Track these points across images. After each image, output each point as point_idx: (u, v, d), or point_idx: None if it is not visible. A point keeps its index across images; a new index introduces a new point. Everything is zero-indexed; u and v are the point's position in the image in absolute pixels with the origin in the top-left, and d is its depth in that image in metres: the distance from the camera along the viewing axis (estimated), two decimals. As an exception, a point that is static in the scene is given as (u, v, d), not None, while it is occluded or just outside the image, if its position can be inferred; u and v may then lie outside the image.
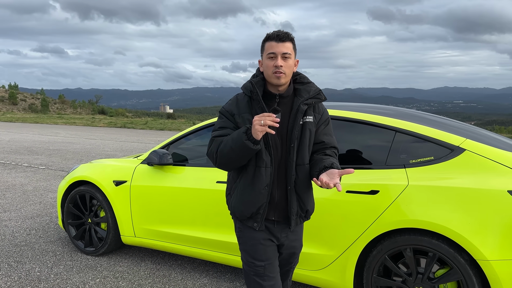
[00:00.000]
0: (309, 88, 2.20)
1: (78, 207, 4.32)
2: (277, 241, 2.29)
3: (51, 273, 3.79)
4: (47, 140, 15.51)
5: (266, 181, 2.15)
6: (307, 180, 2.22)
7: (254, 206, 2.18)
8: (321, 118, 2.24)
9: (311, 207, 2.31)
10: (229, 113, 2.22)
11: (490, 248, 2.55)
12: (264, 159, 2.13)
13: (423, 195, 2.75)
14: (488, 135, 3.31)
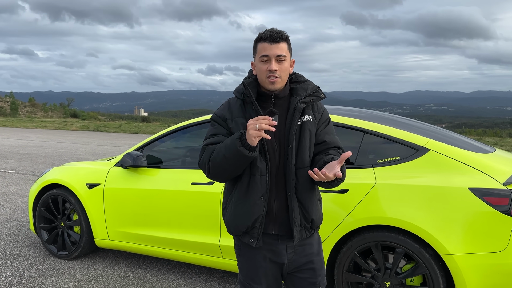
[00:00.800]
0: (306, 86, 2.02)
1: (50, 211, 4.27)
2: (282, 260, 2.01)
3: (22, 277, 3.74)
4: (17, 144, 15.13)
5: (262, 191, 1.93)
6: (309, 185, 1.98)
7: (249, 219, 1.94)
8: (321, 117, 2.05)
9: (316, 216, 2.02)
10: (221, 118, 2.03)
11: (453, 243, 2.68)
12: (258, 166, 1.93)
13: (390, 193, 2.86)
14: (453, 136, 3.46)
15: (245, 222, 1.96)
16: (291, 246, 2.00)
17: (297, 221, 1.95)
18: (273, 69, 1.89)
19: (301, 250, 2.03)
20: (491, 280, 2.67)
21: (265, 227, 1.98)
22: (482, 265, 2.66)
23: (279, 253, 2.00)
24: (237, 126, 1.95)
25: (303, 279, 2.05)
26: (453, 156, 2.89)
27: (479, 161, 2.88)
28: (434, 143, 2.98)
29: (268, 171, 1.93)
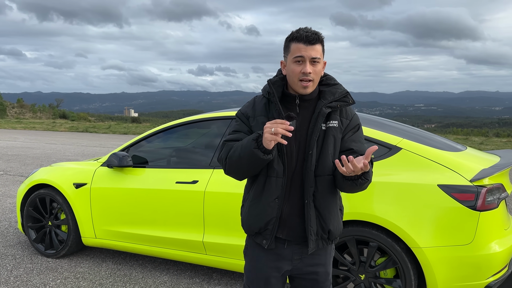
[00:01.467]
0: (334, 90, 1.93)
1: (38, 210, 4.35)
2: (288, 266, 1.97)
3: (10, 275, 3.82)
4: (5, 146, 15.08)
5: (277, 193, 1.88)
6: (330, 194, 1.91)
7: (262, 220, 1.91)
8: (349, 124, 1.94)
9: (334, 227, 1.93)
10: (244, 115, 1.98)
11: (423, 237, 2.83)
12: (275, 168, 1.88)
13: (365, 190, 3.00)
14: (426, 135, 3.61)
15: (257, 223, 1.93)
16: (298, 253, 1.95)
17: (313, 230, 1.89)
18: (308, 71, 1.81)
19: (309, 259, 1.96)
20: (459, 271, 2.82)
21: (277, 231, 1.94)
22: (450, 258, 2.81)
23: (283, 257, 1.96)
24: (258, 125, 1.90)
25: (303, 286, 2.02)
26: (424, 155, 3.04)
27: (449, 159, 3.03)
28: (406, 142, 3.13)
29: (285, 174, 1.88)
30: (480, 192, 2.81)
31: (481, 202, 2.80)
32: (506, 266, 3.00)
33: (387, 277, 3.00)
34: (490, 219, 2.85)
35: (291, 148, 1.88)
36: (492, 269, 2.84)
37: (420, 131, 3.76)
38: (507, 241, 2.96)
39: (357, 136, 1.95)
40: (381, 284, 3.03)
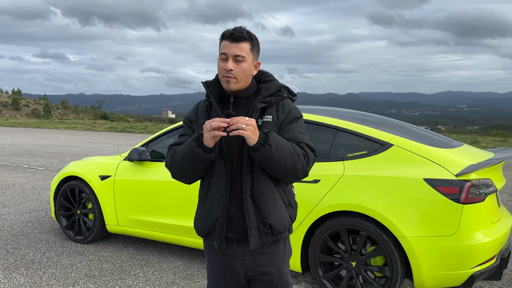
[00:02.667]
0: (269, 86, 1.95)
1: (68, 200, 4.81)
2: (240, 266, 1.96)
3: (43, 257, 4.27)
4: (47, 144, 16.05)
5: (220, 192, 1.89)
6: (267, 189, 1.90)
7: (209, 221, 1.92)
8: (286, 118, 1.93)
9: (275, 221, 1.89)
10: (188, 119, 2.03)
11: (409, 227, 3.02)
12: (217, 167, 1.90)
13: (355, 183, 3.23)
14: (423, 132, 3.78)
15: (205, 224, 1.93)
16: (249, 252, 1.94)
17: (253, 226, 1.88)
18: (228, 68, 1.83)
19: (261, 259, 1.95)
20: (443, 260, 2.99)
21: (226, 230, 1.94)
22: (434, 247, 2.99)
23: (235, 257, 1.95)
24: (200, 127, 1.93)
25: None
26: (414, 151, 3.23)
27: (438, 155, 3.21)
28: (398, 139, 3.32)
29: (227, 172, 1.89)
30: (464, 186, 2.98)
31: (465, 195, 2.97)
32: (494, 257, 3.13)
33: (376, 265, 3.21)
34: (475, 211, 3.01)
35: (232, 146, 1.90)
36: (476, 259, 3.00)
37: (417, 128, 3.92)
38: (494, 233, 3.10)
39: (293, 126, 1.93)
40: (371, 271, 3.24)
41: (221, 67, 1.88)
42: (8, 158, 11.68)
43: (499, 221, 3.28)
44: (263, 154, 1.75)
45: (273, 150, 1.76)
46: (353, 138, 3.43)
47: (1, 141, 17.25)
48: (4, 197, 6.89)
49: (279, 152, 1.77)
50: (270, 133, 1.79)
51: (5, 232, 5.05)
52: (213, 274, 2.03)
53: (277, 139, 1.79)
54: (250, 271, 1.96)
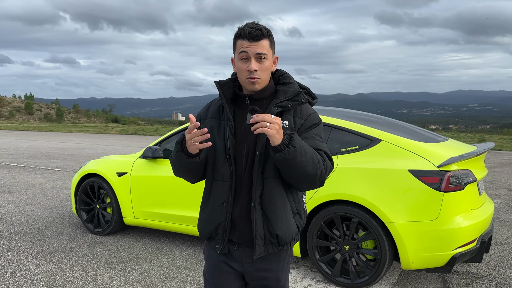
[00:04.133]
0: (287, 89, 1.85)
1: (88, 196, 5.22)
2: (239, 268, 1.91)
3: (66, 247, 4.68)
4: (62, 147, 16.60)
5: (223, 197, 1.84)
6: (278, 198, 1.82)
7: (211, 225, 1.88)
8: (303, 124, 1.83)
9: (283, 232, 1.83)
10: (199, 117, 1.97)
11: (395, 214, 3.37)
12: (221, 171, 1.84)
13: (347, 175, 3.58)
14: (411, 129, 4.11)
15: (207, 228, 1.90)
16: (249, 256, 1.89)
17: (260, 234, 1.82)
18: (253, 69, 1.75)
19: (260, 264, 1.89)
20: (426, 243, 3.33)
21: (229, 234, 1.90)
22: (418, 231, 3.33)
23: (234, 259, 1.91)
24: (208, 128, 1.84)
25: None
26: (401, 145, 3.58)
27: (422, 148, 3.55)
28: (386, 135, 3.67)
29: (232, 177, 1.83)
30: (444, 176, 3.31)
31: (445, 184, 3.31)
32: (474, 240, 3.46)
33: (368, 248, 3.55)
34: (454, 199, 3.34)
35: (240, 151, 1.83)
36: (456, 242, 3.33)
37: (406, 125, 4.26)
38: (473, 219, 3.43)
39: (311, 133, 1.84)
40: (362, 254, 3.59)
41: (243, 68, 1.77)
42: (26, 160, 12.20)
43: (480, 208, 3.61)
44: (287, 155, 1.65)
45: (297, 152, 1.66)
46: (346, 134, 3.79)
47: (18, 144, 17.86)
48: (25, 195, 7.35)
49: (302, 156, 1.68)
50: (295, 134, 1.70)
51: (29, 226, 5.48)
52: (210, 273, 1.98)
53: (301, 142, 1.71)
54: (247, 274, 1.92)
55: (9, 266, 4.11)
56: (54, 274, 3.92)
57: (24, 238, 4.96)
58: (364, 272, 3.53)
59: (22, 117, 70.34)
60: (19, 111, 75.24)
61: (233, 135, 1.82)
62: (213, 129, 1.87)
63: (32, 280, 3.77)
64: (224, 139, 1.84)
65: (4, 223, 5.60)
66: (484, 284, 3.73)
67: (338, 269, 3.62)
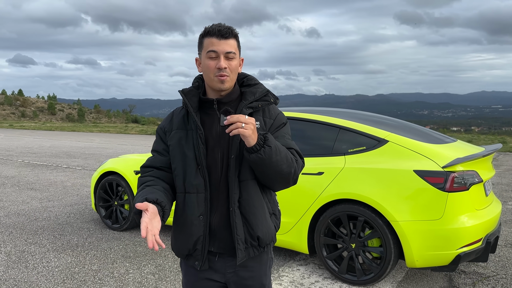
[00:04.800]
0: (255, 90, 1.83)
1: (107, 193, 5.43)
2: (221, 279, 1.85)
3: (85, 242, 4.90)
4: (83, 146, 17.04)
5: (200, 210, 1.76)
6: (255, 199, 1.80)
7: (190, 241, 1.79)
8: (273, 124, 1.83)
9: (264, 233, 1.81)
10: (162, 130, 1.88)
11: (400, 212, 3.45)
12: (194, 183, 1.76)
13: (354, 174, 3.68)
14: (420, 129, 4.19)
15: (185, 246, 1.81)
16: (231, 265, 1.84)
17: (241, 239, 1.77)
18: (223, 66, 1.72)
19: (243, 272, 1.85)
20: (431, 242, 3.41)
21: None
22: (423, 230, 3.41)
23: (215, 271, 1.85)
24: (174, 140, 1.82)
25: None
26: (407, 146, 3.66)
27: (428, 149, 3.62)
28: (393, 136, 3.75)
29: (207, 187, 1.77)
30: (448, 176, 3.39)
31: (449, 184, 3.38)
32: (479, 240, 3.52)
33: (373, 246, 3.65)
34: (459, 199, 3.41)
35: (214, 156, 1.78)
36: (461, 241, 3.39)
37: (416, 127, 4.33)
38: (478, 219, 3.49)
39: (281, 132, 1.85)
40: (368, 252, 3.68)
41: (212, 65, 1.74)
42: (48, 159, 12.59)
43: (486, 208, 3.66)
44: (263, 155, 1.64)
45: (272, 152, 1.66)
46: (354, 135, 3.89)
47: (41, 143, 18.40)
48: (48, 192, 7.64)
49: (277, 155, 1.68)
50: (268, 134, 1.69)
51: (51, 221, 5.73)
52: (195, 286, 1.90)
53: (275, 141, 1.71)
54: (231, 284, 1.86)
55: (32, 258, 4.34)
56: (73, 266, 4.13)
57: (46, 233, 5.20)
58: (370, 270, 3.63)
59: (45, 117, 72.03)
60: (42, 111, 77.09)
61: (204, 144, 1.76)
62: (181, 141, 1.80)
63: (53, 272, 3.98)
64: (194, 149, 1.77)
65: (27, 218, 5.87)
66: (490, 284, 3.78)
67: (345, 266, 3.73)
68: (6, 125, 39.53)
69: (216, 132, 1.78)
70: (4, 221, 5.70)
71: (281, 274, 3.97)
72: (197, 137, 1.77)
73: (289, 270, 4.07)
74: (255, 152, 1.65)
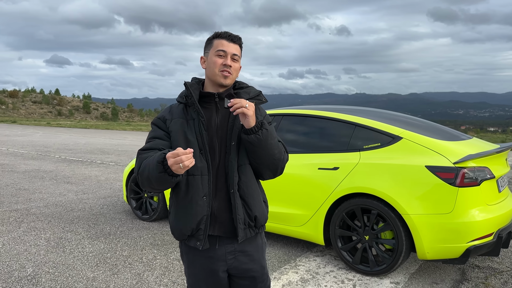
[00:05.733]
0: (249, 90, 2.06)
1: (137, 185, 5.78)
2: (223, 267, 1.98)
3: (117, 231, 5.25)
4: (117, 143, 17.70)
5: (204, 191, 1.90)
6: (252, 182, 1.98)
7: (193, 221, 1.90)
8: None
9: (260, 214, 1.99)
10: (161, 119, 2.02)
11: (411, 206, 3.60)
12: (198, 166, 1.90)
13: (368, 170, 3.85)
14: (436, 127, 4.31)
15: (188, 225, 1.91)
16: (231, 251, 1.97)
17: (241, 219, 1.93)
18: (229, 64, 1.95)
19: (242, 257, 1.99)
20: (441, 235, 3.54)
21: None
22: (433, 223, 3.54)
23: (217, 259, 1.97)
24: (176, 126, 1.96)
25: (242, 286, 2.04)
26: (420, 142, 3.80)
27: (441, 146, 3.75)
28: (407, 133, 3.89)
29: (210, 170, 1.91)
30: (459, 172, 3.51)
31: (460, 180, 3.50)
32: (491, 235, 3.62)
33: (386, 238, 3.81)
34: (469, 194, 3.53)
35: (213, 144, 1.94)
36: (471, 235, 3.51)
37: (431, 124, 4.45)
38: (489, 213, 3.59)
39: None
40: (381, 243, 3.84)
41: (219, 62, 1.96)
42: (83, 155, 13.20)
43: (498, 203, 3.75)
44: (261, 136, 1.86)
45: (269, 134, 1.89)
46: (369, 132, 4.05)
47: (76, 140, 19.21)
48: (83, 186, 8.10)
49: (272, 139, 1.91)
50: (263, 120, 1.93)
51: (86, 212, 6.13)
52: (195, 279, 2.03)
53: (268, 126, 1.94)
54: (233, 270, 2.00)
55: (69, 244, 4.71)
56: (106, 252, 4.47)
57: (81, 222, 5.59)
58: (383, 261, 3.79)
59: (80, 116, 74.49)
60: (77, 110, 79.70)
61: (206, 130, 1.92)
62: (183, 127, 1.95)
63: (88, 256, 4.33)
64: (196, 135, 1.93)
65: (64, 208, 6.29)
66: (502, 278, 3.87)
67: (358, 257, 3.90)
68: (44, 123, 41.23)
69: (214, 123, 1.97)
70: (44, 211, 6.14)
71: (298, 263, 4.18)
72: (199, 124, 1.93)
73: (306, 260, 4.28)
74: (254, 133, 1.86)
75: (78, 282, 3.70)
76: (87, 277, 3.81)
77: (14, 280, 3.72)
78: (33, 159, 11.91)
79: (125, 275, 3.87)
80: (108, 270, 3.99)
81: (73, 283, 3.68)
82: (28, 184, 8.12)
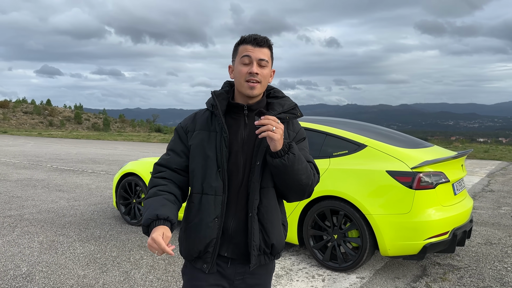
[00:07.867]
0: (283, 102, 1.87)
1: (126, 192, 6.11)
2: (228, 285, 1.85)
3: (107, 234, 5.57)
4: (108, 153, 17.97)
5: (216, 213, 1.76)
6: (273, 207, 1.83)
7: (201, 243, 1.78)
8: (295, 137, 1.87)
9: (277, 241, 1.84)
10: (184, 129, 1.89)
11: (374, 207, 3.98)
12: (213, 185, 1.76)
13: (336, 174, 4.23)
14: (398, 136, 4.71)
15: (196, 247, 1.79)
16: (241, 272, 1.85)
17: (256, 245, 1.79)
18: (254, 71, 1.75)
19: (250, 279, 1.87)
20: (400, 233, 3.92)
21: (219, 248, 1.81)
22: (393, 222, 3.93)
23: (225, 277, 1.84)
24: (196, 140, 1.83)
25: None
26: (382, 150, 4.20)
27: (401, 153, 4.15)
28: (371, 141, 4.29)
29: (225, 190, 1.77)
30: (415, 176, 3.91)
31: (416, 183, 3.90)
32: (446, 233, 4.00)
33: (352, 237, 4.18)
34: (425, 196, 3.92)
35: (237, 161, 1.79)
36: (427, 233, 3.89)
37: (395, 133, 4.86)
38: (444, 214, 3.98)
39: (302, 145, 1.89)
40: (348, 241, 4.21)
41: (244, 71, 1.77)
42: (75, 165, 13.47)
43: (453, 205, 4.15)
44: (286, 162, 1.68)
45: (296, 159, 1.71)
46: (338, 141, 4.45)
47: (68, 150, 19.45)
48: (74, 193, 8.40)
49: (299, 164, 1.72)
50: (292, 143, 1.74)
51: (77, 217, 6.44)
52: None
53: (298, 150, 1.75)
54: None
55: (61, 246, 5.02)
56: (96, 253, 4.79)
57: (73, 226, 5.90)
58: (350, 258, 4.16)
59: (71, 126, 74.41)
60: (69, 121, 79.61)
61: (227, 147, 1.77)
62: (203, 142, 1.81)
63: (79, 257, 4.65)
64: (216, 151, 1.78)
65: (56, 214, 6.59)
66: (459, 273, 4.25)
67: (328, 255, 4.26)
68: (35, 133, 41.31)
69: (241, 137, 1.81)
70: (37, 216, 6.44)
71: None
72: (221, 139, 1.78)
73: (281, 258, 4.63)
74: (280, 157, 1.69)
75: (69, 279, 4.02)
76: (78, 275, 4.12)
77: (9, 278, 4.03)
78: (25, 169, 12.17)
79: (113, 273, 4.19)
80: (98, 268, 4.30)
81: (65, 280, 3.99)
82: (20, 192, 8.40)
